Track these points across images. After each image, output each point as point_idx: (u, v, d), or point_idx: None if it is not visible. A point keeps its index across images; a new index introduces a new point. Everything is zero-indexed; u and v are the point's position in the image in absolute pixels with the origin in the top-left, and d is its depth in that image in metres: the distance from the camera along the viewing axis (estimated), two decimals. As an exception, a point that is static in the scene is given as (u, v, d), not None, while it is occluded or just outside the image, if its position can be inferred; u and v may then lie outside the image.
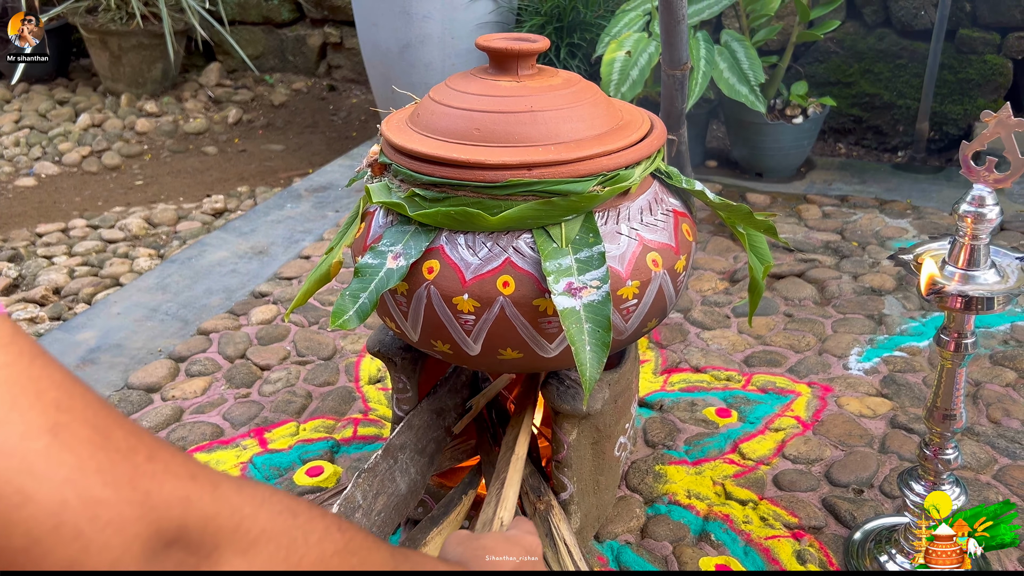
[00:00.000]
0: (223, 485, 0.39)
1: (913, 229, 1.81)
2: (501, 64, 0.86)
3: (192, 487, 0.37)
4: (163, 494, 0.36)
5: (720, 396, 1.28)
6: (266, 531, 0.40)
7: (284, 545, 0.41)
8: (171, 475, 0.37)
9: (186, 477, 0.37)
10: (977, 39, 2.17)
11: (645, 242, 0.83)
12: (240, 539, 0.39)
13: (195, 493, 0.37)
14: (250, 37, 3.31)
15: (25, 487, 0.31)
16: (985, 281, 0.80)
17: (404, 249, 0.81)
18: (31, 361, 0.34)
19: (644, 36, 1.87)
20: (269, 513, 0.41)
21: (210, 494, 0.38)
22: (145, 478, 0.35)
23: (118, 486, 0.34)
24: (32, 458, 0.32)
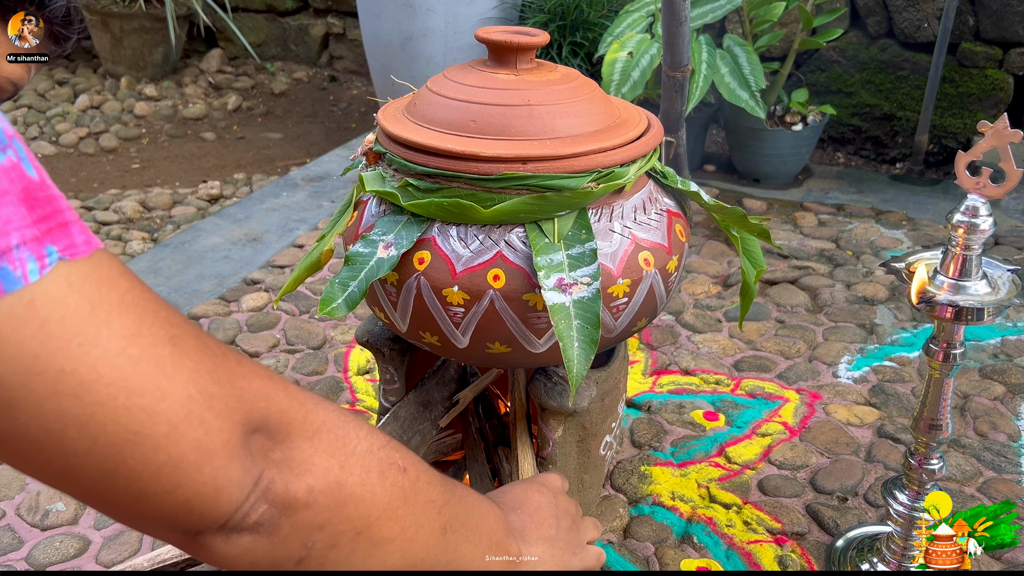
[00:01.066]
0: (291, 385, 0.47)
1: (908, 240, 1.81)
2: (500, 57, 0.86)
3: (271, 385, 0.45)
4: (252, 390, 0.43)
5: (708, 399, 1.28)
6: (326, 423, 0.48)
7: (340, 435, 0.49)
8: (255, 375, 0.44)
9: (265, 378, 0.45)
10: (979, 53, 2.17)
11: (638, 241, 0.82)
12: (307, 428, 0.47)
13: (273, 390, 0.45)
14: (253, 24, 3.31)
15: (162, 385, 0.38)
16: (976, 292, 0.79)
17: (395, 239, 0.81)
18: (142, 286, 0.40)
19: (647, 37, 1.86)
20: (326, 410, 0.49)
21: (283, 391, 0.46)
22: (238, 377, 0.43)
23: (222, 383, 0.41)
24: (163, 362, 0.39)
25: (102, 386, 0.36)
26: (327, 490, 0.46)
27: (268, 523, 0.44)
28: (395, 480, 0.52)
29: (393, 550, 0.52)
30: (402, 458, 0.54)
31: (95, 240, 0.38)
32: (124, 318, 0.38)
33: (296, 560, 0.47)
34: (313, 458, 0.46)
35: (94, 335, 0.36)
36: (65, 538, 1.02)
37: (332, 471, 0.47)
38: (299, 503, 0.45)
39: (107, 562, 0.99)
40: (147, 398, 0.38)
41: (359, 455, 0.49)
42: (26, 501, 1.08)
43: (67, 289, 0.36)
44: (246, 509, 0.43)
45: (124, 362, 0.37)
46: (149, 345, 0.38)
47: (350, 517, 0.48)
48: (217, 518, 0.42)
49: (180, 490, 0.40)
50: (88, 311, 0.36)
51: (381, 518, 0.50)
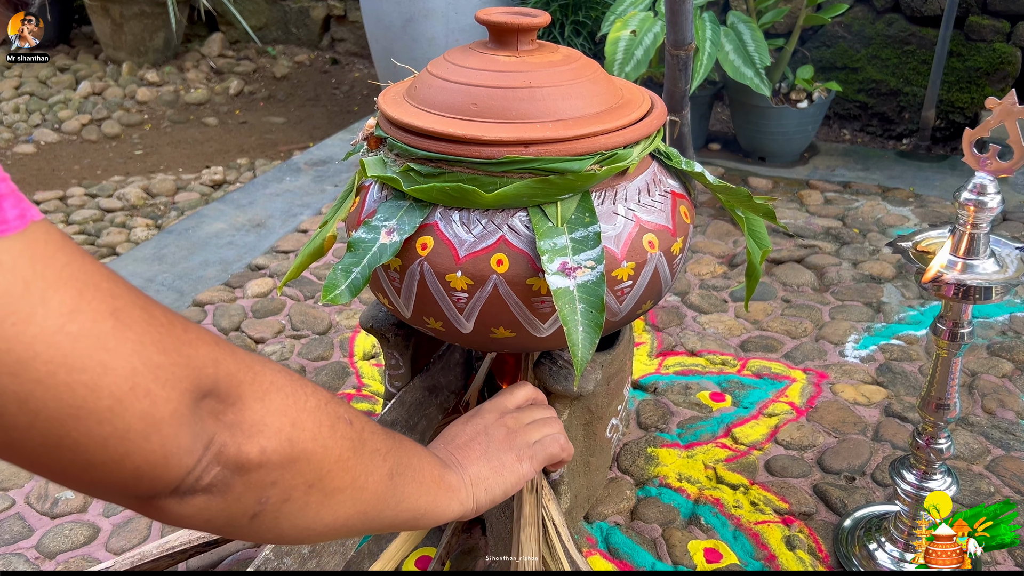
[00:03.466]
0: (238, 349, 0.48)
1: (915, 217, 1.79)
2: (501, 38, 0.85)
3: (218, 351, 0.46)
4: (199, 356, 0.44)
5: (715, 380, 1.28)
6: (275, 383, 0.49)
7: (290, 394, 0.50)
8: (202, 342, 0.45)
9: (212, 344, 0.46)
10: (987, 27, 2.14)
11: (642, 223, 0.82)
12: (257, 389, 0.48)
13: (221, 355, 0.46)
14: (253, 8, 3.28)
15: (104, 360, 0.38)
16: (984, 270, 0.79)
17: (398, 224, 0.80)
18: (83, 258, 0.40)
19: (650, 15, 1.84)
20: (273, 371, 0.50)
21: (231, 355, 0.47)
22: (185, 345, 0.43)
23: (168, 353, 0.42)
24: (105, 337, 0.39)
25: (40, 364, 0.36)
26: (279, 448, 0.48)
27: (221, 484, 0.45)
28: (344, 432, 0.54)
29: (344, 499, 0.54)
30: (347, 411, 0.56)
31: (31, 212, 0.38)
32: (62, 294, 0.38)
33: (250, 516, 0.48)
34: (265, 418, 0.47)
35: (29, 313, 0.36)
36: (75, 526, 1.03)
37: (284, 429, 0.48)
38: (252, 463, 0.46)
39: (116, 549, 1.00)
40: (88, 374, 0.38)
41: (309, 411, 0.51)
42: (35, 489, 1.08)
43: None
44: (198, 472, 0.44)
45: (62, 339, 0.37)
46: (89, 320, 0.38)
47: (302, 472, 0.50)
48: (168, 483, 0.43)
49: (128, 459, 0.40)
50: (21, 290, 0.36)
51: (333, 470, 0.52)
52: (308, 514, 0.52)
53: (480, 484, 0.73)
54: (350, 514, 0.56)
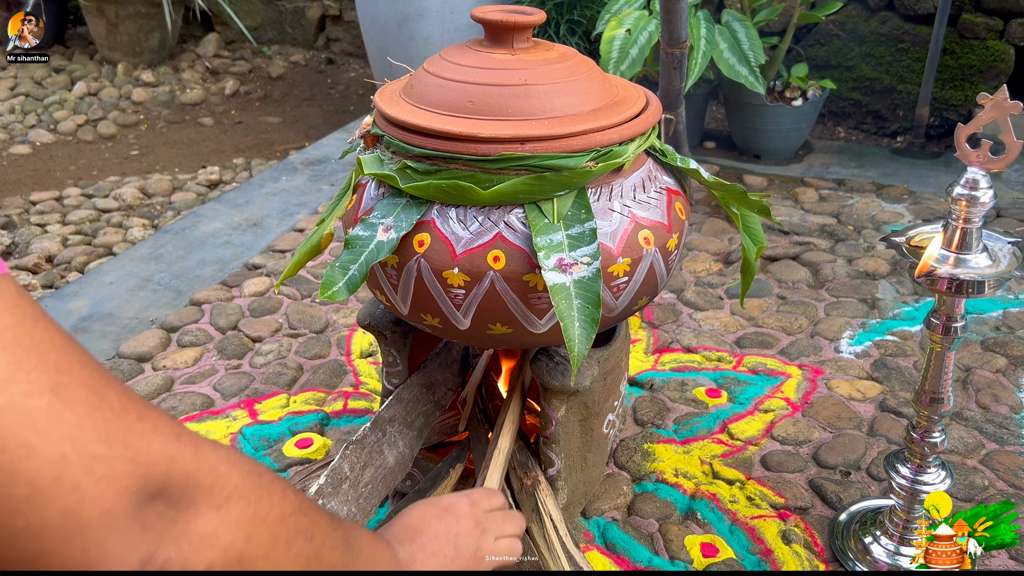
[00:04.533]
0: (203, 446, 0.43)
1: (909, 214, 1.80)
2: (496, 36, 0.85)
3: (176, 446, 0.40)
4: (151, 451, 0.39)
5: (711, 376, 1.28)
6: (238, 488, 0.44)
7: (252, 502, 0.45)
8: (159, 434, 0.40)
9: (171, 437, 0.40)
10: (980, 24, 2.15)
11: (637, 219, 0.82)
12: (216, 495, 0.43)
13: (179, 452, 0.41)
14: (248, 8, 3.29)
15: (30, 441, 0.34)
16: (976, 265, 0.79)
17: (395, 222, 0.81)
18: (34, 323, 0.36)
19: (644, 14, 1.85)
20: (240, 473, 0.45)
21: (192, 454, 0.41)
22: (135, 436, 0.38)
23: (112, 443, 0.37)
24: (36, 415, 0.34)
25: None
26: (228, 564, 0.43)
27: None
28: (300, 550, 0.50)
29: None
30: (311, 523, 0.52)
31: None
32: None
33: None
34: (218, 530, 0.43)
35: None
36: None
37: (236, 544, 0.44)
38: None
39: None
40: (7, 455, 0.33)
41: (268, 524, 0.47)
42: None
43: None
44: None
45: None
46: (21, 393, 0.34)
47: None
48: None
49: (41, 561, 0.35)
50: None
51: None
52: None
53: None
54: None
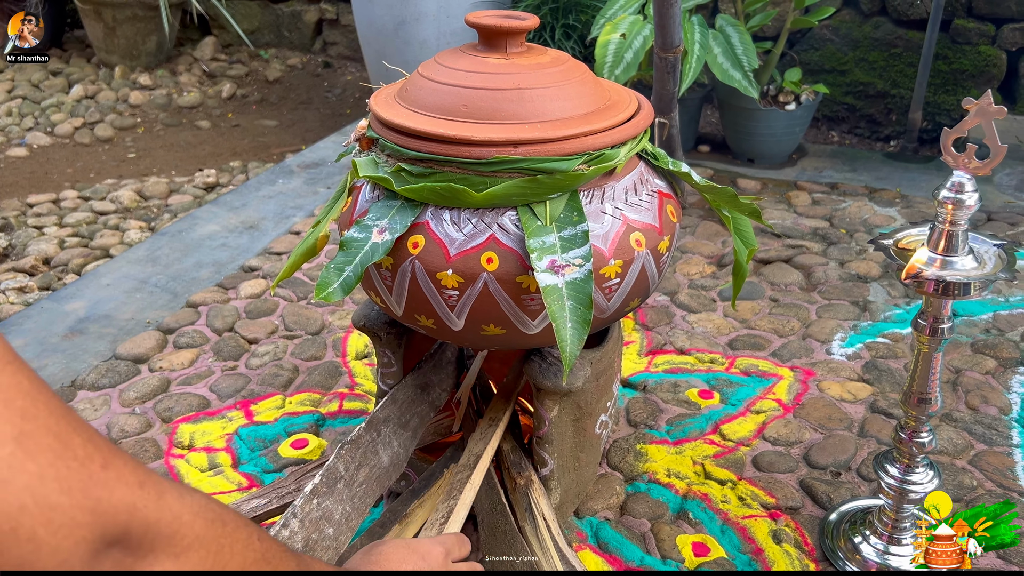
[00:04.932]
0: (167, 494, 0.43)
1: (901, 218, 1.82)
2: (490, 41, 0.86)
3: (139, 495, 0.41)
4: (112, 501, 0.39)
5: (703, 378, 1.29)
6: (199, 537, 0.44)
7: (213, 551, 0.45)
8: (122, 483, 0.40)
9: (135, 485, 0.40)
10: (972, 30, 2.17)
11: (629, 222, 0.83)
12: (176, 544, 0.42)
13: (141, 500, 0.41)
14: (246, 11, 3.29)
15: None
16: (962, 267, 0.81)
17: (390, 224, 0.82)
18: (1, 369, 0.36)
19: (639, 19, 1.86)
20: (204, 521, 0.45)
21: (155, 502, 0.41)
22: (98, 486, 0.38)
23: (72, 493, 0.37)
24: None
25: None
26: None
27: None
28: None
29: None
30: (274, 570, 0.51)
31: None
32: None
33: None
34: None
35: None
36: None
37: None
38: None
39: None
40: None
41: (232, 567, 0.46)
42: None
43: None
44: None
45: None
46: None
47: None
48: None
49: None
50: None
51: None
52: None
53: None
54: None
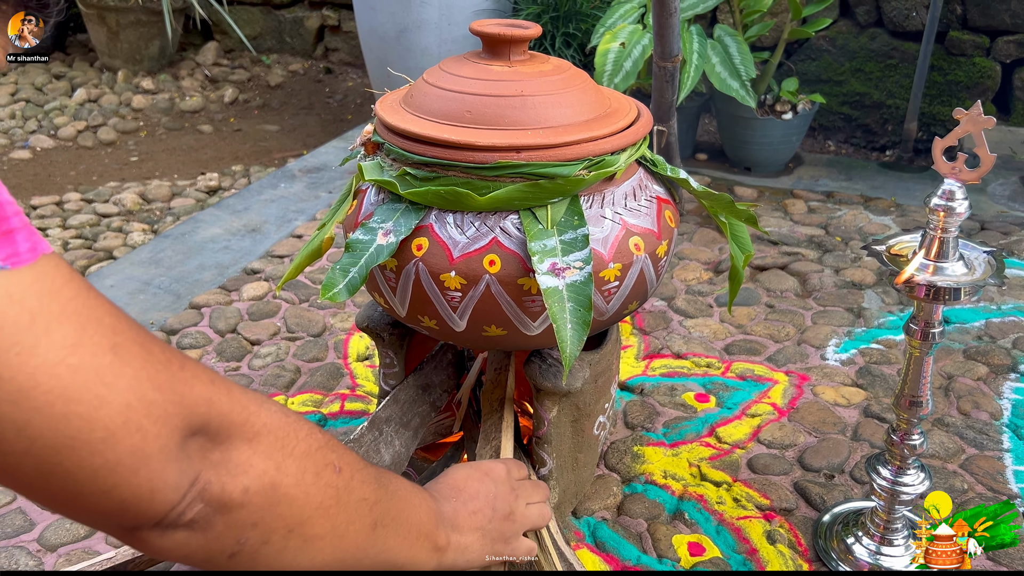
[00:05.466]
0: (235, 389, 0.49)
1: (896, 226, 1.84)
2: (494, 49, 0.89)
3: (212, 389, 0.47)
4: (193, 395, 0.45)
5: (699, 382, 1.31)
6: (267, 424, 0.50)
7: (280, 437, 0.51)
8: (198, 380, 0.46)
9: (208, 382, 0.47)
10: (967, 42, 2.20)
11: (628, 226, 0.85)
12: (248, 430, 0.49)
13: (215, 394, 0.47)
14: (248, 17, 3.32)
15: (101, 393, 0.40)
16: (953, 273, 0.83)
17: (394, 226, 0.84)
18: (88, 292, 0.42)
19: (639, 28, 1.89)
20: (268, 412, 0.51)
21: (226, 395, 0.48)
22: (180, 383, 0.44)
23: (163, 390, 0.43)
24: (103, 371, 0.40)
25: (40, 394, 0.38)
26: (262, 491, 0.49)
27: (203, 521, 0.46)
28: (329, 480, 0.54)
29: (323, 546, 0.55)
30: (338, 458, 0.57)
31: (42, 245, 0.40)
32: (65, 328, 0.39)
33: (228, 554, 0.49)
34: (251, 460, 0.48)
35: (33, 345, 0.38)
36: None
37: (268, 473, 0.49)
38: (234, 503, 0.47)
39: (116, 542, 1.02)
40: (84, 406, 0.39)
41: (296, 457, 0.52)
42: (36, 485, 1.10)
43: (7, 300, 0.37)
44: (181, 508, 0.45)
45: (63, 371, 0.39)
46: (89, 355, 0.40)
47: (283, 516, 0.51)
48: (152, 516, 0.44)
49: (116, 491, 0.42)
50: (28, 321, 0.38)
51: (313, 516, 0.53)
52: (285, 558, 0.52)
53: (464, 553, 0.74)
54: (327, 560, 0.56)
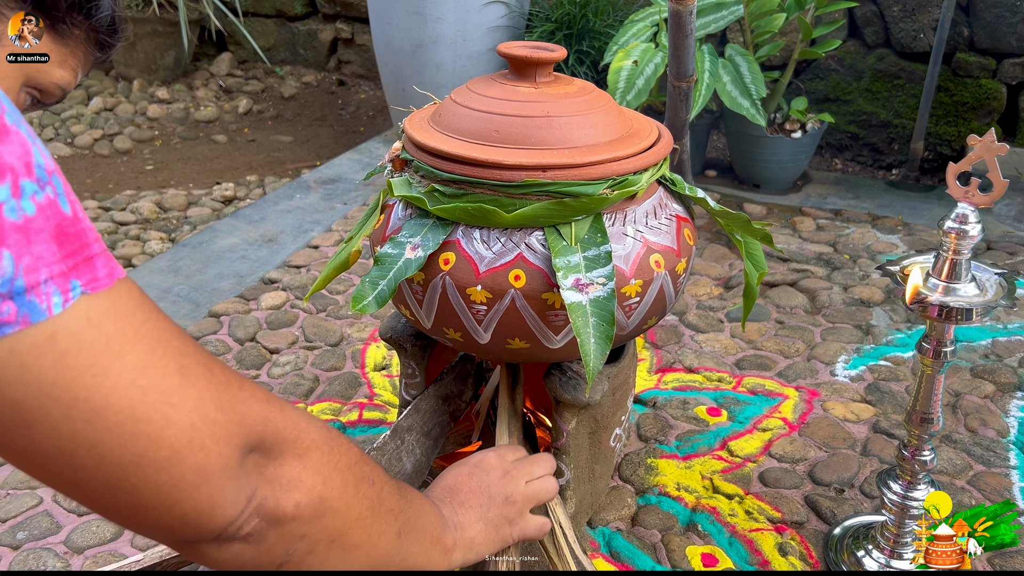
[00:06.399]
0: (287, 408, 0.52)
1: (903, 245, 1.86)
2: (520, 71, 0.91)
3: (268, 408, 0.50)
4: (251, 414, 0.48)
5: (711, 396, 1.33)
6: (315, 440, 0.53)
7: (326, 453, 0.54)
8: (255, 400, 0.49)
9: (264, 401, 0.50)
10: (973, 63, 2.23)
11: (649, 244, 0.88)
12: (298, 447, 0.52)
13: (270, 413, 0.50)
14: (262, 29, 3.36)
15: (167, 414, 0.42)
16: (965, 294, 0.85)
17: (422, 241, 0.86)
18: (157, 316, 0.44)
19: (651, 46, 1.92)
20: (315, 429, 0.54)
21: (280, 414, 0.51)
22: (239, 403, 0.47)
23: (225, 410, 0.46)
24: (170, 392, 0.43)
25: (111, 414, 0.40)
26: (311, 504, 0.52)
27: (257, 534, 0.49)
28: (366, 492, 0.58)
29: (359, 554, 0.58)
30: (371, 471, 0.60)
31: (117, 270, 0.42)
32: (137, 350, 0.41)
33: (278, 564, 0.52)
34: (301, 475, 0.51)
35: (107, 367, 0.40)
36: (101, 523, 1.07)
37: (317, 487, 0.52)
38: (287, 517, 0.50)
39: (142, 545, 1.04)
40: (152, 426, 0.41)
41: (340, 471, 0.55)
42: (62, 488, 1.13)
43: (86, 323, 0.39)
44: (239, 523, 0.48)
45: (134, 392, 0.41)
46: (159, 376, 0.42)
47: (327, 527, 0.54)
48: (212, 531, 0.47)
49: (178, 507, 0.44)
50: (104, 344, 0.40)
51: (352, 527, 0.57)
52: (327, 565, 0.56)
53: (471, 548, 0.77)
54: (361, 567, 0.59)
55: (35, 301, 0.38)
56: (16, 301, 0.37)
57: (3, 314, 0.37)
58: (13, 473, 1.15)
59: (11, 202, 0.37)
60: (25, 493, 1.12)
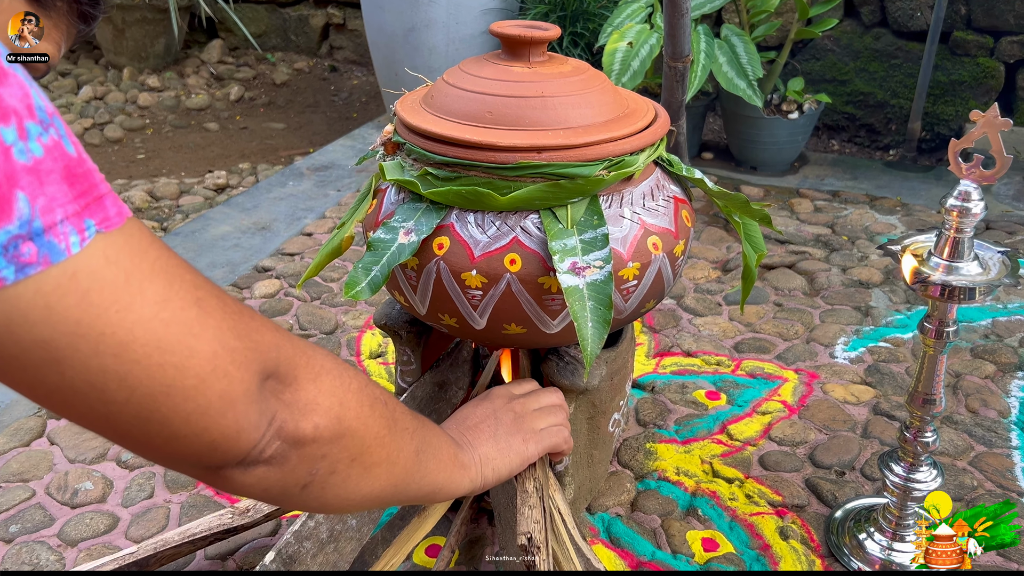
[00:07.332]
0: (291, 335, 0.54)
1: (902, 225, 1.85)
2: (514, 50, 0.90)
3: (279, 336, 0.51)
4: (265, 342, 0.49)
5: (710, 380, 1.32)
6: (324, 366, 0.55)
7: (337, 376, 0.55)
8: (266, 328, 0.50)
9: (274, 330, 0.51)
10: (971, 42, 2.21)
11: (646, 226, 0.87)
12: (311, 372, 0.53)
13: (281, 341, 0.51)
14: (253, 15, 3.33)
15: (190, 343, 0.43)
16: (968, 272, 0.84)
17: (416, 225, 0.85)
18: (168, 252, 0.45)
19: (646, 28, 1.90)
20: (323, 355, 0.56)
21: (289, 341, 0.52)
22: (253, 332, 0.48)
23: (242, 338, 0.47)
24: (191, 323, 0.44)
25: (138, 347, 0.41)
26: (329, 425, 0.53)
27: (280, 456, 0.51)
28: (381, 412, 0.60)
29: (380, 472, 0.60)
30: (382, 393, 0.62)
31: (125, 209, 0.43)
32: (155, 285, 0.42)
33: (302, 486, 0.54)
34: (317, 398, 0.53)
35: (129, 302, 0.41)
36: (95, 515, 1.06)
37: (333, 408, 0.54)
38: (307, 438, 0.52)
39: (136, 537, 1.03)
40: (177, 356, 0.43)
41: (353, 392, 0.56)
42: (55, 480, 1.12)
43: (104, 261, 0.40)
44: (262, 446, 0.49)
45: (157, 325, 0.42)
46: (178, 308, 0.43)
47: (347, 447, 0.56)
48: (238, 455, 0.48)
49: (207, 433, 0.45)
50: (123, 280, 0.41)
51: (372, 446, 0.59)
52: (349, 485, 0.58)
53: (488, 464, 0.80)
54: (384, 486, 0.61)
55: (54, 241, 0.38)
56: (36, 242, 0.37)
57: (24, 255, 0.37)
58: (5, 466, 1.14)
59: (19, 144, 0.37)
60: (17, 486, 1.11)
